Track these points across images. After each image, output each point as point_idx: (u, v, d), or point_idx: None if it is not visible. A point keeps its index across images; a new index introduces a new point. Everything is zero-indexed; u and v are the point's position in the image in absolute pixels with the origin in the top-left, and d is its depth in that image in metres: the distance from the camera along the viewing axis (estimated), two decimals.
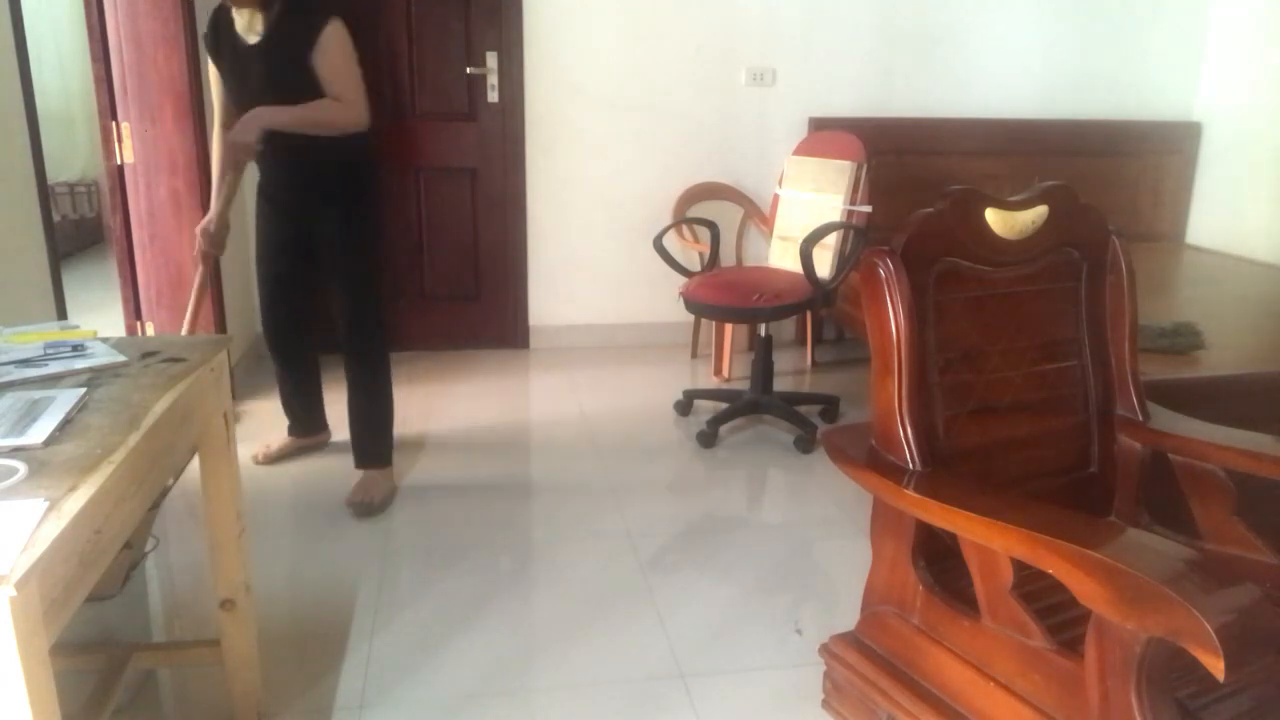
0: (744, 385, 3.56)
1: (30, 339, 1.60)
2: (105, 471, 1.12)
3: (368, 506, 2.70)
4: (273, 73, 2.49)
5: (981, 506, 1.32)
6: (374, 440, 2.83)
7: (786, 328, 4.41)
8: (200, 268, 2.76)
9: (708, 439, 3.25)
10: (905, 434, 1.48)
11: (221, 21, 2.59)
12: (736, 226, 4.22)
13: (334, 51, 2.46)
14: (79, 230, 6.15)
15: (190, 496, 2.69)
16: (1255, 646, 1.04)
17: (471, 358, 4.21)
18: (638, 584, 2.38)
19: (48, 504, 1.02)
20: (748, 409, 3.40)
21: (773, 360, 3.42)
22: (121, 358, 1.53)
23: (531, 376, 4.05)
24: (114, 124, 3.19)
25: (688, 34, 4.11)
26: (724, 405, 3.40)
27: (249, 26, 2.52)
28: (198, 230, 2.74)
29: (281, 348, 2.94)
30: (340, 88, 2.48)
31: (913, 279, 1.49)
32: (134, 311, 3.36)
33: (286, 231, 2.75)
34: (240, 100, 2.57)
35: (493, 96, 4.05)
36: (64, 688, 1.03)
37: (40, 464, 1.13)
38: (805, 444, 3.22)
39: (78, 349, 1.55)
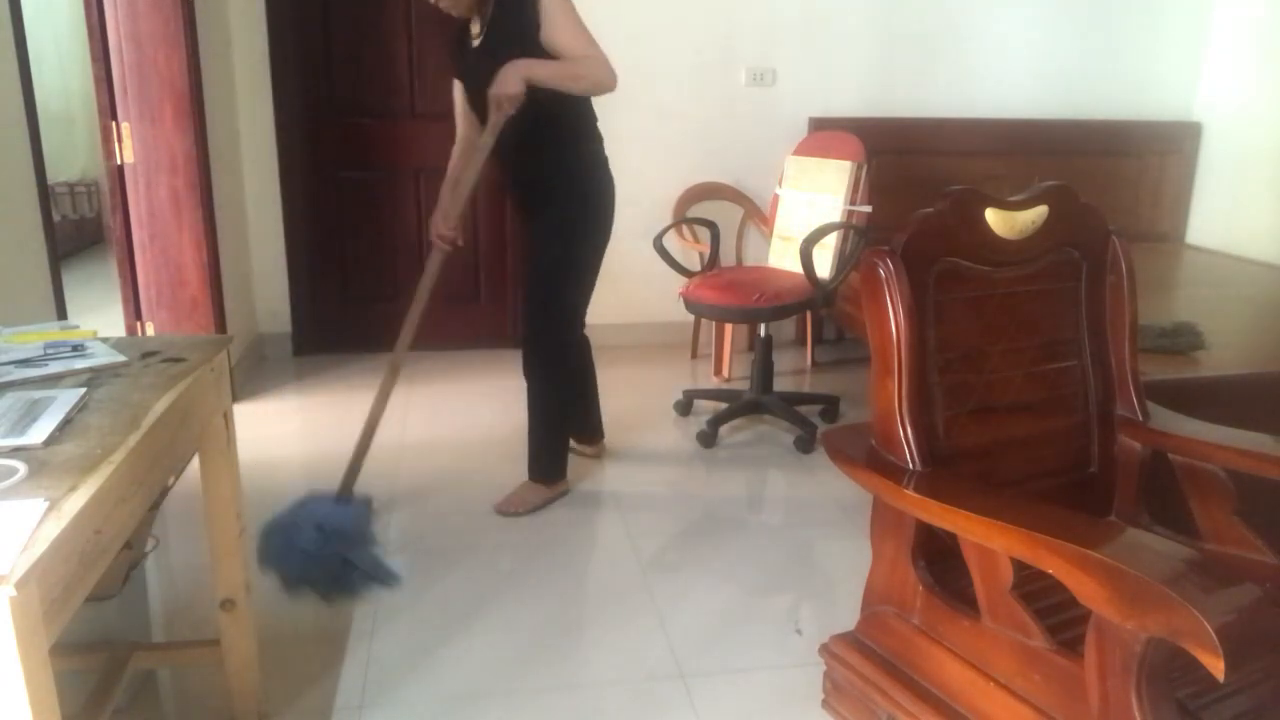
0: (744, 385, 3.56)
1: (30, 339, 1.60)
2: (105, 471, 1.12)
3: (506, 512, 2.73)
4: (497, 65, 2.44)
5: (981, 506, 1.32)
6: (532, 448, 2.80)
7: (786, 328, 4.41)
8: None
9: (708, 439, 3.25)
10: (905, 434, 1.48)
11: (458, 32, 2.64)
12: (736, 226, 4.22)
13: (562, 19, 2.44)
14: (79, 230, 6.16)
15: (190, 497, 2.69)
16: (1255, 646, 1.04)
17: (471, 358, 4.21)
18: (638, 584, 2.38)
19: (48, 504, 1.02)
20: (748, 409, 3.40)
21: (773, 360, 3.42)
22: (121, 358, 1.53)
23: None
24: (114, 124, 3.19)
25: (688, 34, 4.11)
26: (724, 405, 3.40)
27: (474, 30, 2.57)
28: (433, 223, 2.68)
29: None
30: (584, 48, 2.46)
31: (913, 279, 1.49)
32: (134, 311, 3.36)
33: (522, 224, 2.79)
34: (475, 102, 2.60)
35: None
36: (64, 688, 1.03)
37: (40, 464, 1.13)
38: (805, 444, 3.22)
39: (78, 349, 1.55)
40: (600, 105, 4.10)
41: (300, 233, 4.05)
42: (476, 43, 2.56)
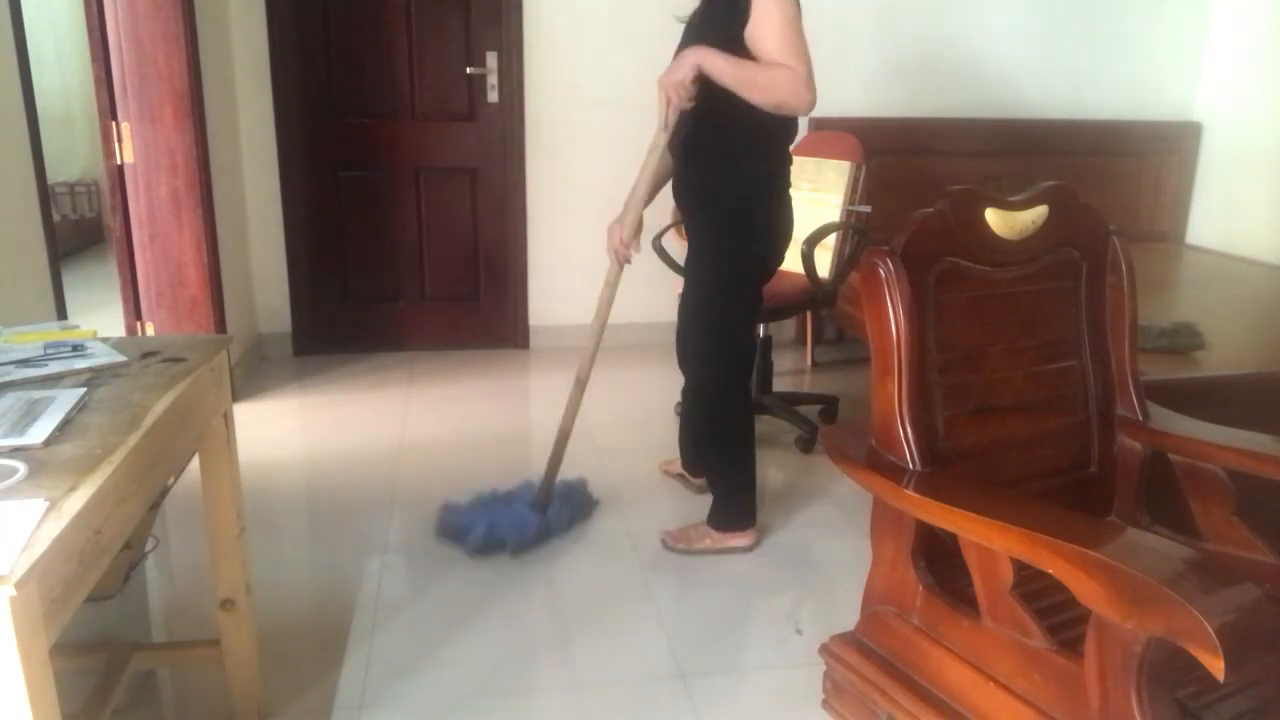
0: None
1: (30, 339, 1.60)
2: (105, 471, 1.12)
3: (668, 544, 2.55)
4: (697, 44, 2.21)
5: (981, 506, 1.32)
6: (713, 491, 2.57)
7: (786, 328, 4.41)
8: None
9: None
10: (905, 434, 1.48)
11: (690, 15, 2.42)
12: None
13: (775, 15, 2.09)
14: (79, 230, 6.15)
15: (190, 497, 2.69)
16: (1255, 646, 1.04)
17: (471, 358, 4.21)
18: (638, 584, 2.38)
19: (48, 504, 1.02)
20: None
21: (773, 360, 3.42)
22: (121, 358, 1.53)
23: (531, 376, 4.04)
24: (114, 124, 3.19)
25: None
26: None
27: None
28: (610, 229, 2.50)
29: (681, 362, 2.62)
30: (785, 57, 2.09)
31: (913, 279, 1.49)
32: (134, 311, 3.36)
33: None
34: None
35: (493, 96, 4.05)
36: (64, 688, 1.03)
37: (40, 464, 1.13)
38: (805, 444, 3.22)
39: (78, 349, 1.55)
40: (600, 106, 4.12)
41: (300, 232, 4.05)
42: (689, 12, 2.31)
